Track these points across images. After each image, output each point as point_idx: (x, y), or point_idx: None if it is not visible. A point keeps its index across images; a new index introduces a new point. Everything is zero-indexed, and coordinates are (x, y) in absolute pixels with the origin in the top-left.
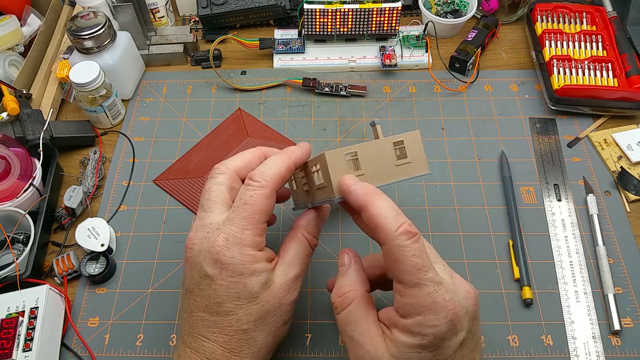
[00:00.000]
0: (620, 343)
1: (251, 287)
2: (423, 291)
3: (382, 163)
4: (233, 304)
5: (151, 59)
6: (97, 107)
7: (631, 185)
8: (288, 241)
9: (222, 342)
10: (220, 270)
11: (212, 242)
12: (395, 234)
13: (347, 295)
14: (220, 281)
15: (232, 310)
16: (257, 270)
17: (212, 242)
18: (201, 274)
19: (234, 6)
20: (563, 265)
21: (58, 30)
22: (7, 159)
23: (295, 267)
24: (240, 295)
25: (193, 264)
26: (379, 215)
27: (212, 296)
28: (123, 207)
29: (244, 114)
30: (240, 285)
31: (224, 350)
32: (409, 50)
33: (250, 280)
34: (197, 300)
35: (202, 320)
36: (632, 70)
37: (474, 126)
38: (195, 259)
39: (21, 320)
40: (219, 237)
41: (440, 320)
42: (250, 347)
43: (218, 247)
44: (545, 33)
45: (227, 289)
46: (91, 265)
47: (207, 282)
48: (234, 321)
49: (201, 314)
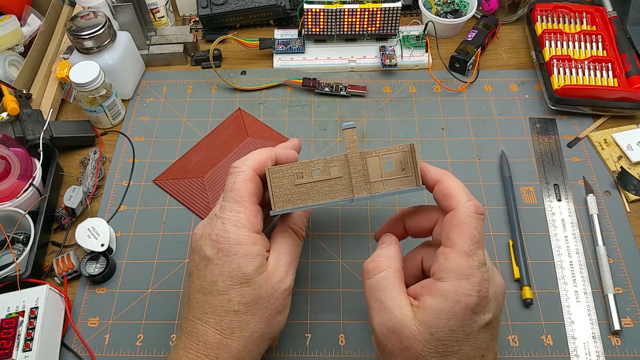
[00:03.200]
0: (620, 343)
1: (245, 269)
2: (469, 262)
3: None
4: (226, 283)
5: (151, 59)
6: (97, 107)
7: (631, 185)
8: (276, 233)
9: (213, 322)
10: (217, 250)
11: (212, 226)
12: (467, 203)
13: (382, 262)
14: (217, 261)
15: (224, 290)
16: (252, 252)
17: (212, 227)
18: (200, 256)
19: (234, 6)
20: (563, 265)
21: (58, 30)
22: (7, 159)
23: (285, 255)
24: (233, 275)
25: (195, 248)
26: (454, 186)
27: (207, 276)
28: (123, 207)
29: (244, 114)
30: (234, 265)
31: (215, 331)
32: (409, 50)
33: (244, 261)
34: (195, 282)
35: (196, 302)
36: (632, 70)
37: (474, 126)
38: (197, 242)
39: (21, 320)
40: (217, 222)
41: (474, 291)
42: (242, 331)
43: (217, 230)
44: (545, 33)
45: (222, 268)
46: (91, 265)
47: (204, 263)
48: (225, 301)
49: (197, 295)
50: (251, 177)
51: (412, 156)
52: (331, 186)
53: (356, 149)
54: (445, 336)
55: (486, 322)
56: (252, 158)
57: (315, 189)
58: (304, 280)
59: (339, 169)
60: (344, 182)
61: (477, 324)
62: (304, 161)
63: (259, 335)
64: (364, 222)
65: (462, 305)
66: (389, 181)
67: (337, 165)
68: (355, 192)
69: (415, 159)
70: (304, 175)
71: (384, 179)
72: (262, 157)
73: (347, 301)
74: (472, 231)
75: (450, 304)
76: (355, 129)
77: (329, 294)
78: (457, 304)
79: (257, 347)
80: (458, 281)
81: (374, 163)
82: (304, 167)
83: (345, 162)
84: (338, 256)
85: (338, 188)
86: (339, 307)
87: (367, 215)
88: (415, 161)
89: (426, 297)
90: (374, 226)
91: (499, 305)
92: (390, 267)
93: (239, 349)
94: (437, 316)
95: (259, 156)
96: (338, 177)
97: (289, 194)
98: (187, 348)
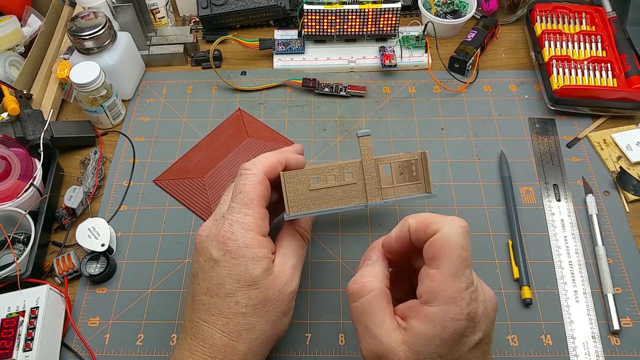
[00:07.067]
0: (619, 343)
1: (252, 271)
2: (456, 284)
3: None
4: (233, 285)
5: (151, 60)
6: (98, 108)
7: (630, 185)
8: (282, 236)
9: (220, 325)
10: (224, 252)
11: (219, 227)
12: (449, 220)
13: (366, 285)
14: (224, 263)
15: (231, 293)
16: (259, 255)
17: (219, 228)
18: (206, 257)
19: (234, 7)
20: (562, 265)
21: (58, 30)
22: (7, 159)
23: (291, 258)
24: (240, 278)
25: (200, 249)
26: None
27: (214, 278)
28: (123, 207)
29: (244, 114)
30: (242, 268)
31: (222, 333)
32: (409, 51)
33: (251, 264)
34: (200, 284)
35: (202, 304)
36: (632, 70)
37: (473, 126)
38: (203, 243)
39: (21, 320)
40: (225, 223)
41: (463, 315)
42: (249, 333)
43: (224, 232)
44: (545, 33)
45: (229, 271)
46: (91, 265)
47: (210, 265)
48: (232, 303)
49: (202, 297)
50: (261, 180)
51: (423, 164)
52: (345, 192)
53: (371, 156)
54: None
55: (476, 342)
56: (262, 161)
57: (330, 194)
58: (304, 280)
59: (353, 175)
60: (358, 188)
61: (467, 345)
62: (318, 166)
63: (265, 337)
64: (364, 222)
65: (451, 331)
66: (399, 187)
67: (352, 172)
68: (369, 198)
69: (426, 166)
70: (319, 181)
71: (395, 185)
72: (273, 160)
73: (347, 301)
74: (458, 250)
75: (438, 329)
76: (370, 136)
77: (329, 294)
78: (445, 330)
79: (263, 349)
80: (446, 305)
81: (386, 170)
82: (319, 173)
83: (359, 169)
84: (338, 256)
85: (352, 194)
86: (339, 307)
87: (367, 215)
88: (426, 169)
89: (413, 321)
90: (373, 226)
91: (490, 321)
92: (375, 290)
93: (245, 352)
94: (425, 342)
95: (269, 160)
96: (352, 184)
97: (304, 199)
98: (193, 350)
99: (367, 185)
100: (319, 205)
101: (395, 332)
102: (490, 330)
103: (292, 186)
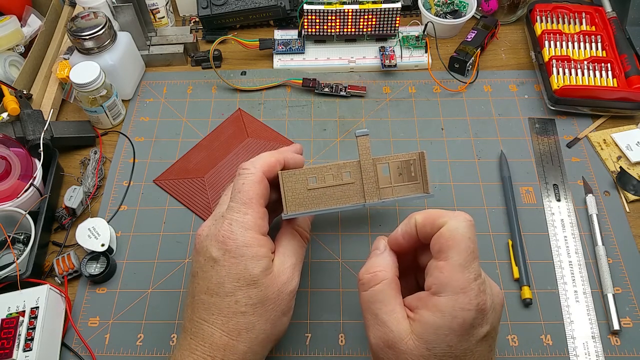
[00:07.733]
0: (619, 343)
1: (252, 270)
2: (465, 275)
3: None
4: (233, 285)
5: (151, 60)
6: (98, 108)
7: (630, 185)
8: (281, 235)
9: (220, 324)
10: (224, 252)
11: (218, 227)
12: (455, 214)
13: (377, 274)
14: (223, 262)
15: (231, 292)
16: (258, 254)
17: (219, 228)
18: (206, 257)
19: (234, 7)
20: (562, 265)
21: (58, 30)
22: (7, 159)
23: (290, 257)
24: (240, 277)
25: (200, 249)
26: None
27: (214, 277)
28: (123, 207)
29: (244, 114)
30: (242, 267)
31: (222, 333)
32: (409, 51)
33: (251, 263)
34: (200, 283)
35: (202, 303)
36: (632, 70)
37: (473, 126)
38: (202, 243)
39: (21, 320)
40: (224, 223)
41: (472, 305)
42: (248, 332)
43: (223, 231)
44: (545, 33)
45: (229, 270)
46: (91, 265)
47: (210, 264)
48: (232, 302)
49: (202, 296)
50: (260, 179)
51: (421, 164)
52: (343, 191)
53: (369, 155)
54: (442, 352)
55: (484, 335)
56: (261, 160)
57: (328, 193)
58: (304, 280)
59: (351, 174)
60: (356, 187)
61: (475, 337)
62: (316, 166)
63: (265, 337)
64: (364, 222)
65: (460, 321)
66: (397, 187)
67: (350, 171)
68: (367, 197)
69: (424, 167)
70: (317, 180)
71: (393, 185)
72: (272, 160)
73: (347, 301)
74: (466, 242)
75: (447, 319)
76: (369, 136)
77: (329, 294)
78: (454, 320)
79: (262, 348)
80: (455, 295)
81: (384, 169)
82: (317, 172)
83: (357, 168)
84: (338, 256)
85: (350, 193)
86: (339, 307)
87: (367, 215)
88: (424, 169)
89: (423, 311)
90: (373, 226)
91: (497, 316)
92: (386, 279)
93: (245, 351)
94: (435, 332)
95: (268, 159)
96: (350, 183)
97: (302, 198)
98: (193, 349)
99: (364, 185)
100: (317, 204)
101: (405, 321)
102: (497, 324)
103: (290, 185)
